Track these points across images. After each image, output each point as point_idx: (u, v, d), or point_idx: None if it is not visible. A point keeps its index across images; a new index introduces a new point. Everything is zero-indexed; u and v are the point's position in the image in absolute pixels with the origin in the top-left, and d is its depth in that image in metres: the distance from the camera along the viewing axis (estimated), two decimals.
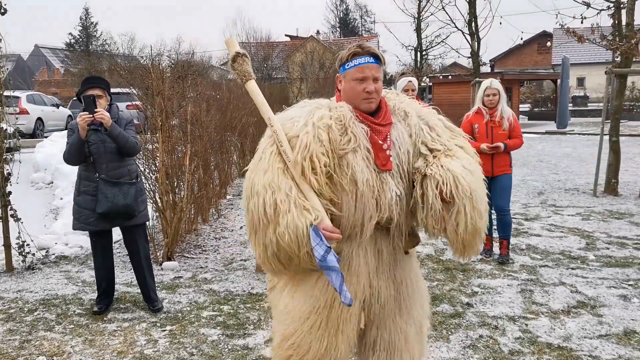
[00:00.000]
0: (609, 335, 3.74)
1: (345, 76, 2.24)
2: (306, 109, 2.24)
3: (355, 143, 2.14)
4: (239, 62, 2.29)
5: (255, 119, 12.15)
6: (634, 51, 8.31)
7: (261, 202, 2.05)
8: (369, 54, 2.21)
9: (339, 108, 2.21)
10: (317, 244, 1.97)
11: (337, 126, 2.15)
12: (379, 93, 2.24)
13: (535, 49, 50.55)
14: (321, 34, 54.79)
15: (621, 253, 5.61)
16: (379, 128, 2.20)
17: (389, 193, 2.16)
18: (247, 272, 5.26)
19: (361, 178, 2.11)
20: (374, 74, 2.20)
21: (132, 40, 51.22)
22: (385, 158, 2.17)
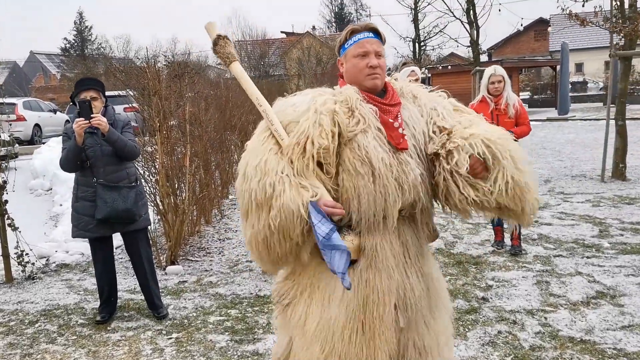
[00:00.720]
0: (633, 326, 3.59)
1: (346, 55, 2.14)
2: (309, 95, 2.12)
3: (365, 124, 2.02)
4: (220, 44, 2.21)
5: (255, 117, 12.02)
6: (638, 33, 8.14)
7: (252, 185, 1.95)
8: (367, 29, 2.12)
9: (343, 91, 2.09)
10: (320, 222, 1.84)
11: (342, 109, 2.02)
12: (384, 69, 2.12)
13: (532, 36, 50.30)
14: (317, 30, 54.54)
15: (636, 239, 5.46)
16: (387, 108, 2.08)
17: (412, 173, 2.03)
18: (253, 273, 5.12)
19: (375, 156, 1.98)
20: (375, 48, 2.09)
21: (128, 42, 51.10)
22: (398, 137, 2.05)
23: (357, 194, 2.00)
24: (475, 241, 5.67)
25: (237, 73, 2.19)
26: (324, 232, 1.84)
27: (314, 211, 1.86)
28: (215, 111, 7.54)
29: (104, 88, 4.03)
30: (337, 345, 2.07)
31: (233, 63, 2.19)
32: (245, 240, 2.06)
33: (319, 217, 1.85)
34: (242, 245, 6.16)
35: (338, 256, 1.86)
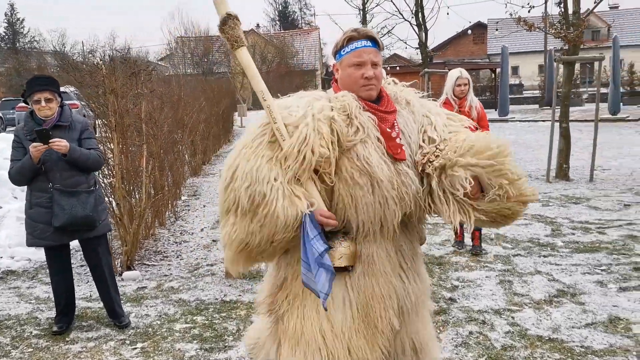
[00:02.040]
0: (596, 324, 3.73)
1: (342, 63, 2.09)
2: (304, 99, 2.06)
3: (364, 133, 1.98)
4: (229, 25, 2.03)
5: (205, 116, 11.79)
6: (581, 39, 8.50)
7: (240, 190, 1.90)
8: (365, 37, 2.06)
9: (340, 97, 2.03)
10: (315, 237, 1.82)
11: (341, 117, 1.97)
12: (379, 80, 2.08)
13: (471, 39, 51.83)
14: (261, 28, 54.20)
15: (587, 238, 5.69)
16: (385, 116, 2.05)
17: (412, 185, 2.00)
18: (216, 277, 4.99)
19: (378, 168, 1.94)
20: (372, 58, 2.04)
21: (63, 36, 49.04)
22: (396, 147, 2.02)
23: (355, 204, 1.96)
24: (436, 242, 5.75)
25: (244, 61, 2.04)
26: (319, 250, 1.82)
27: (311, 224, 1.83)
28: (169, 110, 7.32)
29: (59, 87, 3.80)
30: (338, 349, 2.03)
31: (241, 48, 2.03)
32: (222, 238, 2.01)
33: (315, 232, 1.83)
34: (200, 248, 6.00)
35: (324, 275, 1.84)
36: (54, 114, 3.69)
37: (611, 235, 5.74)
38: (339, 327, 2.03)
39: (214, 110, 13.27)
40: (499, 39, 38.70)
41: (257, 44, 42.15)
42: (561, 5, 8.80)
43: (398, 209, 1.99)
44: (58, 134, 3.66)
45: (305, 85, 38.25)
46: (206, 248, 5.99)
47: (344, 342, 2.03)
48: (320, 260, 1.83)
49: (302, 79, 39.26)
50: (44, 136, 3.53)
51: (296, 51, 44.89)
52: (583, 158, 10.82)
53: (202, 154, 11.64)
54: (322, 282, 1.85)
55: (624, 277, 4.54)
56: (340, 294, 2.03)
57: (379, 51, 2.10)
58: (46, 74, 16.29)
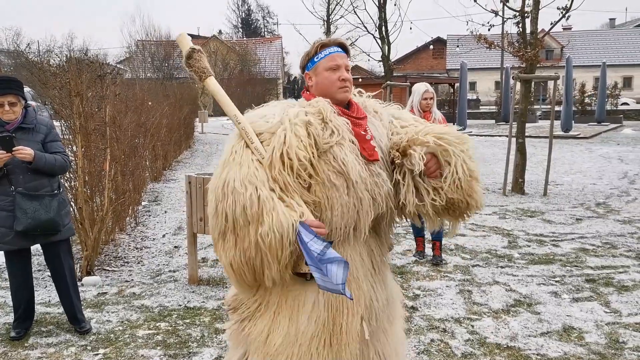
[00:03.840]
0: (551, 333, 3.88)
1: (317, 69, 2.15)
2: (278, 107, 2.12)
3: (339, 136, 2.03)
4: (195, 58, 2.11)
5: (167, 121, 11.66)
6: (538, 58, 8.84)
7: (240, 200, 1.87)
8: (336, 44, 2.18)
9: (314, 103, 2.09)
10: (312, 240, 1.82)
11: (316, 121, 2.03)
12: (352, 83, 2.19)
13: (431, 54, 52.98)
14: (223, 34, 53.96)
15: (541, 250, 5.91)
16: (357, 121, 2.13)
17: (384, 185, 2.08)
18: (179, 284, 4.95)
19: (353, 168, 2.01)
20: (345, 62, 2.15)
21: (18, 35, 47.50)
22: (370, 148, 2.10)
23: (331, 205, 2.01)
24: (398, 251, 5.86)
25: (213, 89, 2.11)
26: (318, 249, 1.82)
27: (304, 230, 1.84)
28: (132, 114, 7.23)
29: (22, 88, 3.72)
30: (304, 358, 2.06)
31: (208, 78, 2.10)
32: (224, 262, 1.97)
33: (310, 235, 1.83)
34: (162, 254, 5.94)
35: (335, 268, 1.83)
36: (17, 116, 3.61)
37: (564, 247, 5.97)
38: (308, 335, 2.05)
39: (176, 116, 13.14)
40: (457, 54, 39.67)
41: (219, 50, 41.96)
42: (519, 25, 9.12)
43: (371, 209, 2.05)
44: (22, 137, 3.59)
45: (267, 94, 38.25)
46: (168, 254, 5.93)
47: (312, 350, 2.05)
48: (323, 257, 1.83)
49: (264, 87, 39.26)
50: (7, 143, 3.45)
51: (258, 59, 44.90)
52: (537, 173, 11.22)
53: (164, 160, 11.50)
54: (335, 273, 1.83)
55: (577, 288, 4.74)
56: (311, 297, 2.06)
57: (348, 57, 2.21)
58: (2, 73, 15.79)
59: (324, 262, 1.81)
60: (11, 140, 3.47)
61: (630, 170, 11.90)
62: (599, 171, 11.79)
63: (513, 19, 9.29)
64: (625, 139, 19.09)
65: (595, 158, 14.04)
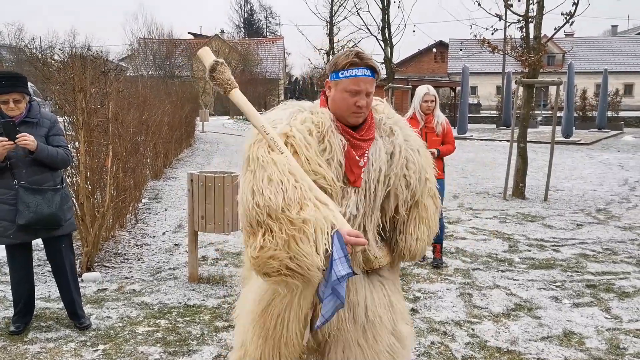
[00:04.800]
0: (551, 337, 3.88)
1: (337, 85, 2.09)
2: (288, 111, 2.12)
3: (330, 154, 2.04)
4: (219, 70, 2.09)
5: (168, 119, 11.65)
6: (541, 63, 8.84)
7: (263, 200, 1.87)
8: (367, 66, 2.08)
9: (319, 114, 2.09)
10: (340, 259, 1.76)
11: (316, 132, 2.04)
12: (369, 108, 2.13)
13: (432, 57, 52.97)
14: (226, 34, 53.95)
15: (542, 255, 5.90)
16: (359, 143, 2.10)
17: (344, 209, 2.07)
18: (179, 282, 4.94)
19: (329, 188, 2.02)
20: (368, 88, 2.07)
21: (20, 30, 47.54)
22: (358, 174, 2.09)
23: None
24: None
25: (238, 101, 2.10)
26: (340, 274, 1.76)
27: (337, 244, 1.79)
28: (135, 111, 7.22)
29: (27, 84, 3.71)
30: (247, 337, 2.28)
31: (233, 90, 2.09)
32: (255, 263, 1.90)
33: (341, 253, 1.77)
34: (162, 252, 5.93)
35: (332, 303, 1.82)
36: (22, 112, 3.61)
37: (565, 253, 5.97)
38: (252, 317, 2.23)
39: (178, 114, 13.14)
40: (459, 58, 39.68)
41: (221, 49, 41.96)
42: (523, 30, 9.13)
43: None
44: (25, 131, 3.58)
45: (268, 94, 38.24)
46: (168, 252, 5.92)
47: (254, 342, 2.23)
48: (336, 284, 1.77)
49: (265, 88, 39.23)
50: (10, 129, 3.45)
51: (260, 59, 44.89)
52: (538, 178, 11.22)
53: (164, 157, 11.49)
54: (328, 308, 1.83)
55: (577, 293, 4.74)
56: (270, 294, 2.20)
57: (375, 80, 2.13)
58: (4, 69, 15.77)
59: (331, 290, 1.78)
60: (14, 126, 3.46)
61: (630, 177, 11.90)
62: (600, 177, 11.79)
63: (517, 23, 9.29)
64: (625, 145, 19.11)
65: (596, 164, 14.05)
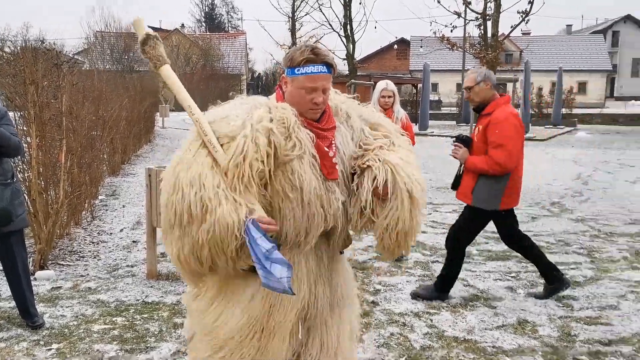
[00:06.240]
0: (506, 326, 3.97)
1: (294, 81, 2.07)
2: (243, 107, 2.08)
3: (301, 149, 2.01)
4: (150, 44, 2.07)
5: (126, 114, 11.42)
6: (499, 60, 9.03)
7: (185, 199, 1.89)
8: (323, 62, 2.06)
9: (280, 109, 2.05)
10: (260, 238, 1.83)
11: (279, 129, 2.00)
12: (326, 103, 2.13)
13: (395, 54, 53.49)
14: (186, 28, 53.17)
15: (499, 247, 6.03)
16: (323, 134, 2.10)
17: (335, 203, 2.09)
18: (137, 279, 4.85)
19: (308, 187, 2.01)
20: (324, 84, 2.07)
21: None
22: (331, 166, 2.09)
23: (283, 215, 2.04)
24: (359, 247, 5.90)
25: (168, 77, 2.07)
26: (265, 247, 1.83)
27: (254, 228, 1.84)
28: (90, 105, 7.05)
29: None
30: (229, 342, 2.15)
31: (163, 66, 2.07)
32: (171, 254, 1.99)
33: (259, 233, 1.84)
34: (119, 249, 5.81)
35: (279, 267, 1.85)
36: None
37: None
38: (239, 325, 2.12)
39: (136, 109, 12.89)
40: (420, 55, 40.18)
41: (182, 44, 41.36)
42: (481, 27, 9.30)
43: (322, 224, 2.09)
44: None
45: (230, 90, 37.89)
46: (126, 249, 5.81)
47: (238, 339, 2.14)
48: (269, 255, 1.84)
49: (227, 83, 38.88)
50: None
51: (222, 54, 44.41)
52: None
53: (122, 153, 11.26)
54: (279, 270, 1.85)
55: (531, 283, 4.87)
56: (249, 292, 2.12)
57: (332, 76, 2.13)
58: None
59: (269, 260, 1.83)
60: None
61: (583, 171, 12.28)
62: (554, 172, 12.12)
63: (475, 21, 9.46)
64: (579, 141, 19.70)
65: (551, 160, 14.45)
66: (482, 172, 4.12)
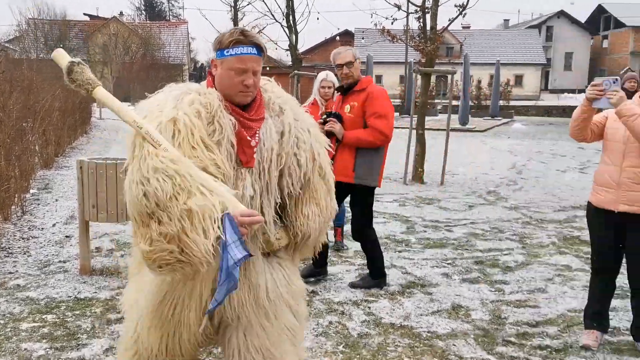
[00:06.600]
0: (441, 311, 4.08)
1: (223, 63, 2.05)
2: (173, 93, 2.04)
3: (221, 135, 1.99)
4: (76, 71, 1.97)
5: (59, 104, 10.98)
6: (437, 52, 9.21)
7: (152, 189, 1.81)
8: (252, 44, 2.04)
9: (207, 94, 2.03)
10: (235, 242, 1.75)
11: (205, 113, 1.98)
12: (257, 87, 2.10)
13: (339, 46, 53.57)
14: (125, 16, 51.58)
15: (436, 235, 6.19)
16: (249, 123, 2.07)
17: (242, 190, 2.04)
18: (69, 274, 4.69)
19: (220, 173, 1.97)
20: (254, 66, 2.04)
21: None
22: (250, 155, 2.06)
23: None
24: None
25: (103, 99, 1.99)
26: (237, 257, 1.76)
27: (230, 228, 1.76)
28: (19, 95, 6.72)
29: None
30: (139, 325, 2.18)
31: (96, 89, 1.99)
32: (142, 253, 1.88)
33: (234, 236, 1.76)
34: (52, 244, 5.60)
35: (226, 287, 1.80)
36: None
37: (457, 232, 6.30)
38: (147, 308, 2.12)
39: (71, 99, 12.40)
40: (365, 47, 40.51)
41: (120, 32, 40.10)
42: (420, 20, 9.46)
43: None
44: None
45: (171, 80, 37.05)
46: (58, 244, 5.60)
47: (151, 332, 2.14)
48: (232, 269, 1.76)
49: (168, 73, 37.97)
50: None
51: (162, 44, 43.31)
52: (436, 163, 11.68)
53: (56, 145, 10.82)
54: (222, 292, 1.81)
55: (466, 269, 5.02)
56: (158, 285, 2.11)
57: (262, 58, 2.10)
58: None
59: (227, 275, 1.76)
60: None
61: (518, 161, 12.75)
62: (491, 162, 12.53)
63: (414, 14, 9.61)
64: (515, 132, 20.44)
65: (488, 150, 14.91)
66: (366, 143, 4.26)
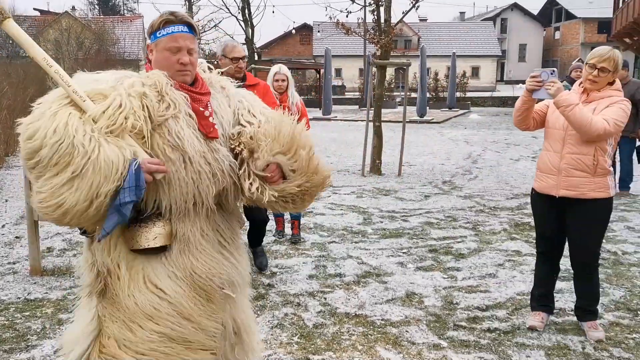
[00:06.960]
0: (395, 299, 4.15)
1: (157, 45, 2.08)
2: (114, 76, 2.05)
3: (175, 109, 2.00)
4: None
5: (7, 102, 10.64)
6: (391, 45, 9.31)
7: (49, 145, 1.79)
8: (182, 22, 2.08)
9: (151, 75, 2.05)
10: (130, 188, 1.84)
11: (152, 93, 1.98)
12: (194, 66, 2.13)
13: (298, 40, 53.58)
14: (77, 10, 50.15)
15: (392, 225, 6.28)
16: (198, 97, 2.10)
17: (225, 160, 2.10)
18: (18, 276, 4.57)
19: (188, 142, 2.00)
20: (188, 44, 2.08)
21: None
22: (209, 125, 2.09)
23: (167, 180, 1.99)
24: None
25: (14, 32, 1.94)
26: (125, 200, 1.84)
27: (133, 174, 1.83)
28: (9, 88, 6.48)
29: None
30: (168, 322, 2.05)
31: (6, 20, 1.92)
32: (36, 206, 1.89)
33: (132, 182, 1.84)
34: (0, 245, 5.44)
35: (115, 220, 1.87)
36: None
37: (412, 222, 6.41)
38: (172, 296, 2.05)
39: (20, 97, 12.02)
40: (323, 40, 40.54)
41: (73, 27, 39.02)
42: (374, 13, 9.53)
43: (212, 184, 2.07)
44: None
45: None
46: (8, 245, 5.45)
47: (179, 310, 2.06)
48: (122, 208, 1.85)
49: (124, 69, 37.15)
50: None
51: (117, 39, 42.35)
52: (394, 155, 11.83)
53: (5, 144, 10.49)
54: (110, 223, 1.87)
55: (421, 258, 5.12)
56: (163, 271, 2.05)
57: (195, 38, 2.14)
58: None
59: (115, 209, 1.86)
60: None
61: (474, 151, 13.01)
62: (448, 152, 12.75)
63: (369, 6, 9.67)
64: (471, 123, 20.82)
65: (445, 141, 15.16)
66: None
